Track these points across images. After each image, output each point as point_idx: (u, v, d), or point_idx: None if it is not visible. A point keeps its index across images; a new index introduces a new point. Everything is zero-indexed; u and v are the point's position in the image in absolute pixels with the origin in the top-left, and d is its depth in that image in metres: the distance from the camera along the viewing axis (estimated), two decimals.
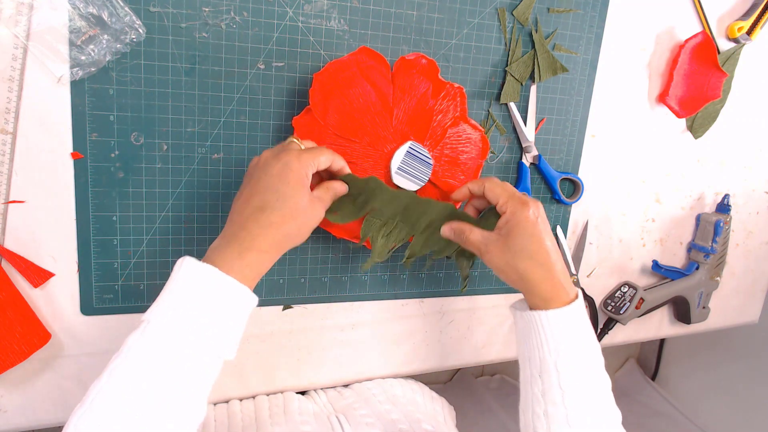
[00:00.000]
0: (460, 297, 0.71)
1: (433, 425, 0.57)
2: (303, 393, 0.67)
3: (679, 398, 1.54)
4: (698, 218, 0.84)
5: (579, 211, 0.75)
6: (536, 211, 0.50)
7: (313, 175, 0.47)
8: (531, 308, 0.51)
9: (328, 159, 0.48)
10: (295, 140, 0.49)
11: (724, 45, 0.77)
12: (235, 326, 0.41)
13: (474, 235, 0.53)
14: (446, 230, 0.55)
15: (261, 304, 0.62)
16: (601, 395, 0.49)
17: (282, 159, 0.45)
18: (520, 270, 0.49)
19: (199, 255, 0.43)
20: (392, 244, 0.57)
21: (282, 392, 0.64)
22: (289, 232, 0.44)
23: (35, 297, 0.53)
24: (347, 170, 0.51)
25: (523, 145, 0.68)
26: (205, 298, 0.40)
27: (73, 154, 0.52)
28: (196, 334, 0.39)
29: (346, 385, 0.69)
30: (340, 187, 0.51)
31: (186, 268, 0.41)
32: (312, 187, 0.47)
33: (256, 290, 0.44)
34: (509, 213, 0.50)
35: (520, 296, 0.54)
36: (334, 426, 0.56)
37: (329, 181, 0.50)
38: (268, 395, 0.64)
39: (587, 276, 0.79)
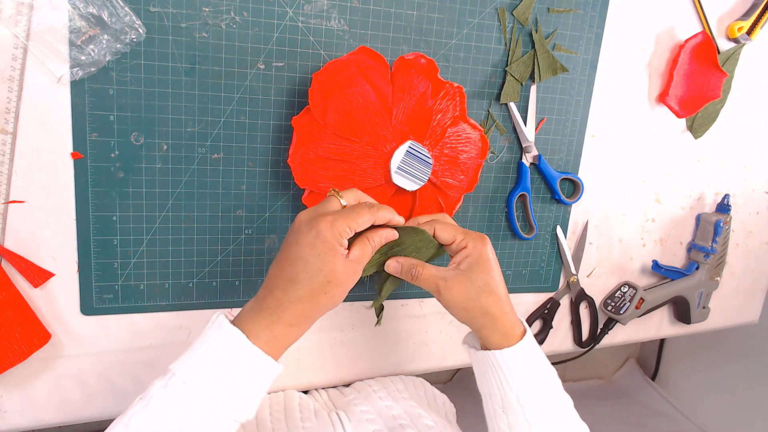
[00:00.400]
0: None
1: (435, 421, 0.57)
2: (306, 392, 0.67)
3: (679, 398, 1.54)
4: (698, 218, 0.84)
5: (579, 211, 0.75)
6: (491, 246, 0.51)
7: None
8: (488, 345, 0.50)
9: (368, 219, 0.45)
10: (335, 195, 0.46)
11: (724, 45, 0.77)
12: (256, 393, 0.42)
13: (428, 271, 0.50)
14: (392, 265, 0.51)
15: None
16: (566, 417, 0.51)
17: (314, 227, 0.42)
18: (484, 305, 0.49)
19: (200, 254, 0.43)
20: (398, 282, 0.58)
21: (283, 390, 0.64)
22: (322, 304, 0.43)
23: (35, 297, 0.53)
24: (396, 220, 0.48)
25: (523, 145, 0.68)
26: (230, 364, 0.41)
27: (73, 154, 0.52)
28: (217, 396, 0.40)
29: (347, 385, 0.69)
30: (379, 239, 0.47)
31: (218, 329, 0.42)
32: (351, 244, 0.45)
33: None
34: (470, 248, 0.49)
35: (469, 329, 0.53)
36: (335, 423, 0.56)
37: (370, 233, 0.46)
38: (268, 393, 0.64)
39: (587, 276, 0.79)
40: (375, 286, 0.58)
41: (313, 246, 0.42)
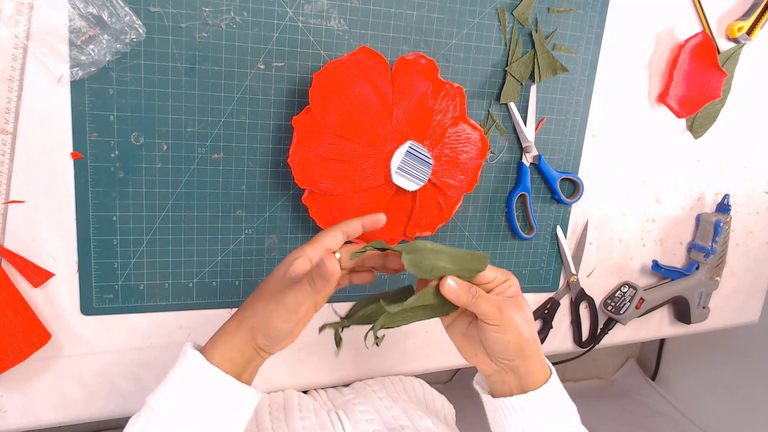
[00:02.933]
0: None
1: (434, 422, 0.57)
2: (305, 392, 0.67)
3: (679, 398, 1.54)
4: (698, 218, 0.84)
5: (579, 211, 0.75)
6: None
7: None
8: (526, 382, 0.48)
9: (316, 250, 0.45)
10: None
11: (724, 45, 0.77)
12: (227, 414, 0.42)
13: (490, 295, 0.46)
14: (449, 286, 0.44)
15: None
16: None
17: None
18: (533, 333, 0.47)
19: (200, 254, 0.43)
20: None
21: (282, 390, 0.64)
22: (256, 309, 0.43)
23: (35, 297, 0.53)
24: (381, 219, 0.46)
25: (523, 145, 0.68)
26: (194, 388, 0.42)
27: (73, 154, 0.52)
28: (189, 422, 0.41)
29: (346, 385, 0.69)
30: (322, 275, 0.40)
31: (183, 354, 0.44)
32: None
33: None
34: (512, 281, 0.49)
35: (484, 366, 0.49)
36: (334, 422, 0.56)
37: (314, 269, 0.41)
38: (268, 393, 0.64)
39: (587, 276, 0.79)
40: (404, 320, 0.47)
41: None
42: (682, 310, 0.86)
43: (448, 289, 0.44)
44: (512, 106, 0.66)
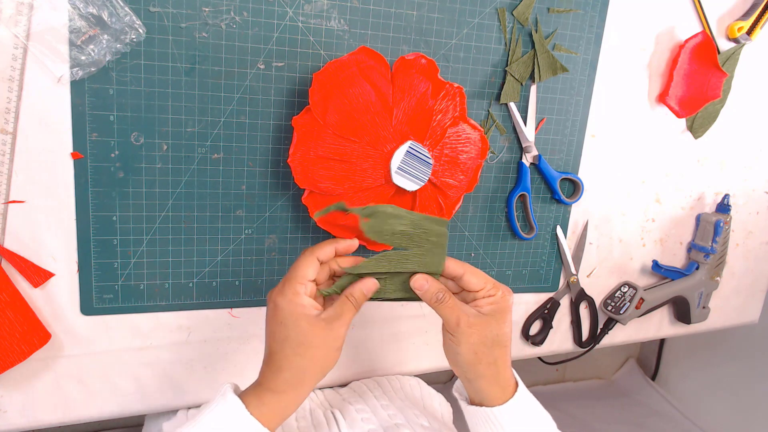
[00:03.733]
0: None
1: (430, 421, 0.57)
2: None
3: (679, 398, 1.54)
4: (698, 218, 0.84)
5: (579, 211, 0.75)
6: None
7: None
8: (482, 398, 0.49)
9: (309, 261, 0.44)
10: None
11: (724, 45, 0.77)
12: None
13: (457, 302, 0.47)
14: (420, 281, 0.47)
15: (261, 304, 0.62)
16: None
17: (271, 301, 0.44)
18: (494, 355, 0.47)
19: (200, 254, 0.43)
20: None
21: None
22: (304, 368, 0.43)
23: (35, 297, 0.53)
24: (354, 244, 0.47)
25: (523, 145, 0.68)
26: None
27: (73, 154, 0.52)
28: None
29: (343, 385, 0.69)
30: (360, 291, 0.45)
31: (222, 397, 0.43)
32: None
33: None
34: (498, 297, 0.48)
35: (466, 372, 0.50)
36: (329, 421, 0.56)
37: (348, 290, 0.45)
38: None
39: (587, 276, 0.79)
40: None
41: (274, 318, 0.44)
42: (682, 310, 0.86)
43: (416, 284, 0.47)
44: (512, 106, 0.66)
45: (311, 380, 0.44)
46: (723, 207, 0.83)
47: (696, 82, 0.74)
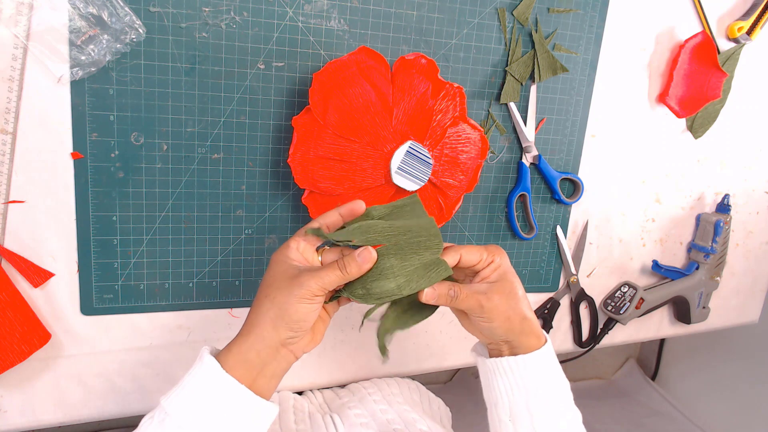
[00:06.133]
0: None
1: (429, 426, 0.57)
2: (300, 393, 0.67)
3: (679, 398, 1.54)
4: (698, 218, 0.84)
5: (579, 211, 0.75)
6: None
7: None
8: (520, 351, 0.49)
9: (311, 225, 0.45)
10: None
11: (724, 45, 0.77)
12: (238, 422, 0.41)
13: (467, 289, 0.47)
14: (428, 293, 0.46)
15: None
16: (574, 430, 0.50)
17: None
18: (523, 310, 0.48)
19: (200, 254, 0.43)
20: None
21: (278, 391, 0.64)
22: (266, 311, 0.42)
23: (35, 297, 0.53)
24: (358, 206, 0.46)
25: (523, 145, 0.68)
26: (209, 394, 0.41)
27: (73, 154, 0.52)
28: (200, 426, 0.40)
29: (343, 385, 0.69)
30: (354, 260, 0.43)
31: (200, 360, 0.43)
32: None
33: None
34: (498, 262, 0.49)
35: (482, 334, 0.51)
36: (328, 426, 0.56)
37: (345, 256, 0.44)
38: None
39: (587, 276, 0.79)
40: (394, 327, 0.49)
41: (266, 271, 0.45)
42: (682, 310, 0.86)
43: (427, 297, 0.46)
44: (512, 106, 0.66)
45: (271, 324, 0.42)
46: (723, 207, 0.83)
47: (696, 82, 0.74)
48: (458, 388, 1.50)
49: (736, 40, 0.77)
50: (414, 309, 0.49)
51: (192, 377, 0.42)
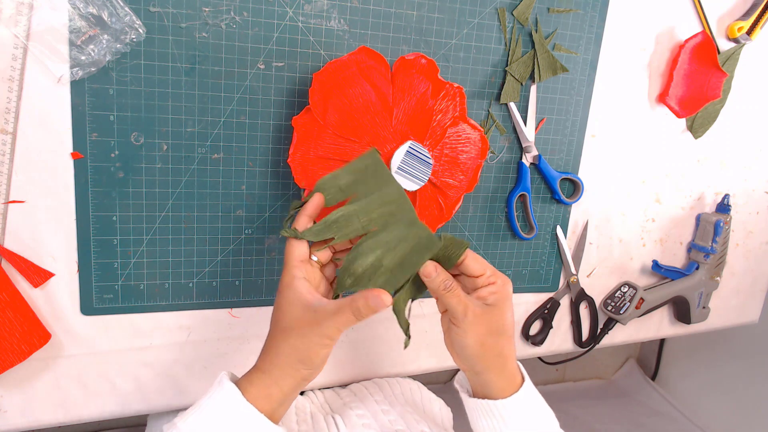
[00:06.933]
0: None
1: (430, 426, 0.57)
2: (302, 393, 0.67)
3: (679, 398, 1.54)
4: (698, 218, 0.84)
5: (579, 211, 0.75)
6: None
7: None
8: (488, 390, 0.48)
9: (297, 243, 0.45)
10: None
11: (724, 45, 0.77)
12: None
13: (464, 293, 0.47)
14: (429, 268, 0.46)
15: (261, 304, 0.62)
16: None
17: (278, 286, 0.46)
18: (500, 345, 0.47)
19: (200, 254, 0.43)
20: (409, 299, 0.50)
21: None
22: (287, 353, 0.43)
23: (35, 297, 0.53)
24: (317, 201, 0.47)
25: (523, 145, 0.68)
26: (226, 421, 0.41)
27: (73, 154, 0.52)
28: None
29: (344, 386, 0.69)
30: (366, 303, 0.41)
31: (219, 385, 0.43)
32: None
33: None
34: (499, 286, 0.47)
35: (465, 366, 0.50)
36: (330, 426, 0.56)
37: (353, 297, 0.43)
38: None
39: (587, 276, 0.79)
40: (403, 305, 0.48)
41: (276, 303, 0.45)
42: (682, 310, 0.86)
43: (425, 271, 0.46)
44: (512, 106, 0.66)
45: (293, 365, 0.43)
46: (723, 207, 0.83)
47: (696, 82, 0.74)
48: None
49: (736, 40, 0.77)
50: (420, 282, 0.48)
51: (211, 402, 0.42)
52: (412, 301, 0.49)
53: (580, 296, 0.78)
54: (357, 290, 0.44)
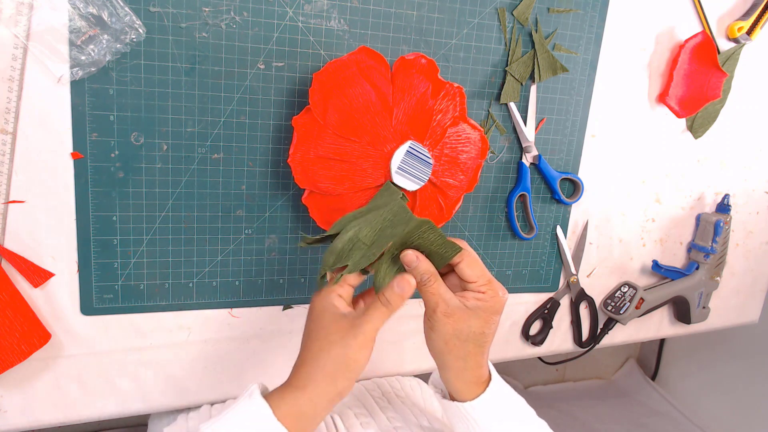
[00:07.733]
0: None
1: (431, 421, 0.57)
2: None
3: (679, 398, 1.54)
4: (698, 218, 0.84)
5: (579, 211, 0.75)
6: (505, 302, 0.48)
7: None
8: (451, 390, 0.49)
9: (342, 288, 0.47)
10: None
11: (724, 45, 0.77)
12: None
13: (439, 287, 0.46)
14: (410, 256, 0.47)
15: (261, 304, 0.62)
16: None
17: (311, 300, 0.46)
18: (466, 351, 0.46)
19: (200, 254, 0.43)
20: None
21: None
22: (323, 365, 0.42)
23: (35, 297, 0.53)
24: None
25: (523, 145, 0.68)
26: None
27: (73, 154, 0.52)
28: None
29: None
30: (392, 291, 0.44)
31: (249, 398, 0.43)
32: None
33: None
34: (488, 297, 0.46)
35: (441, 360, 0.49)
36: (328, 425, 0.56)
37: (382, 290, 0.46)
38: None
39: (587, 276, 0.79)
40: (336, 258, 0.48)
41: (308, 316, 0.46)
42: (682, 310, 0.86)
43: (405, 258, 0.47)
44: (512, 106, 0.66)
45: (330, 379, 0.42)
46: (723, 207, 0.83)
47: (696, 82, 0.74)
48: None
49: (736, 40, 0.77)
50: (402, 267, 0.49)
51: (238, 414, 0.41)
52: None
53: (580, 296, 0.78)
54: (339, 266, 0.46)
